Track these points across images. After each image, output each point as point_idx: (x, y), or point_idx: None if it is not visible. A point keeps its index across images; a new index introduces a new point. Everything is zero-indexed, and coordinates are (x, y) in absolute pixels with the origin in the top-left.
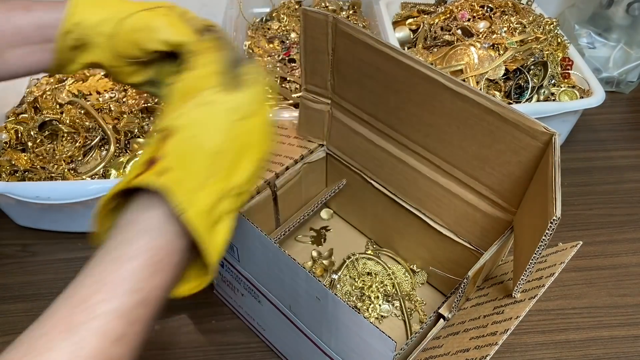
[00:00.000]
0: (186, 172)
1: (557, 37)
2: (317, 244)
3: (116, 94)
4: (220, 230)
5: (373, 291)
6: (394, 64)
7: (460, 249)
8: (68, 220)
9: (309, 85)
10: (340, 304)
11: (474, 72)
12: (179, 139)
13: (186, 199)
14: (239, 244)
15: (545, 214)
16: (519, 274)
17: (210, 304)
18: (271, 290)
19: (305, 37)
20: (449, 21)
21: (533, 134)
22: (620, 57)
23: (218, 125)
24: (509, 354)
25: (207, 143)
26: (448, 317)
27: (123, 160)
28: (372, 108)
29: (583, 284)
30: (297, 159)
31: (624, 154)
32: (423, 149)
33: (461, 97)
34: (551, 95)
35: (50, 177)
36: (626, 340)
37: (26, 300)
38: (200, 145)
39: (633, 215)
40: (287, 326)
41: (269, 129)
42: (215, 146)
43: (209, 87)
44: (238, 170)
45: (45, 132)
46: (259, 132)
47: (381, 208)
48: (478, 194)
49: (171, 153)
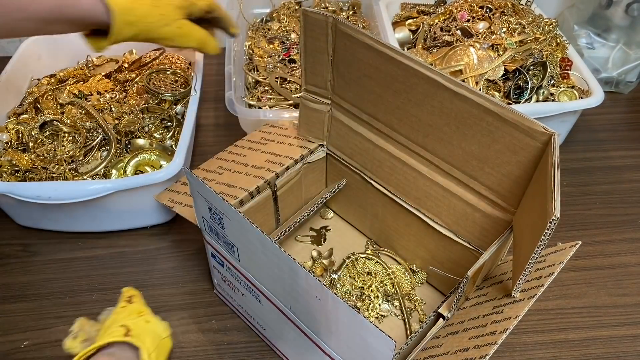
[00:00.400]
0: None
1: (557, 38)
2: (317, 243)
3: (117, 95)
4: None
5: (373, 291)
6: (394, 64)
7: (460, 249)
8: (69, 220)
9: (309, 85)
10: (340, 303)
11: (474, 73)
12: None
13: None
14: (239, 244)
15: (545, 214)
16: (518, 273)
17: (210, 304)
18: (271, 289)
19: (305, 38)
20: (449, 22)
21: (532, 134)
22: (620, 57)
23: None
24: (509, 353)
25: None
26: (447, 316)
27: (124, 160)
28: (372, 108)
29: (582, 284)
30: (297, 159)
31: (623, 154)
32: (422, 149)
33: (460, 97)
34: (550, 96)
35: (51, 177)
36: (625, 339)
37: (27, 300)
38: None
39: (632, 215)
40: (287, 326)
41: None
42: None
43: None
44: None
45: (46, 132)
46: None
47: (381, 208)
48: (477, 194)
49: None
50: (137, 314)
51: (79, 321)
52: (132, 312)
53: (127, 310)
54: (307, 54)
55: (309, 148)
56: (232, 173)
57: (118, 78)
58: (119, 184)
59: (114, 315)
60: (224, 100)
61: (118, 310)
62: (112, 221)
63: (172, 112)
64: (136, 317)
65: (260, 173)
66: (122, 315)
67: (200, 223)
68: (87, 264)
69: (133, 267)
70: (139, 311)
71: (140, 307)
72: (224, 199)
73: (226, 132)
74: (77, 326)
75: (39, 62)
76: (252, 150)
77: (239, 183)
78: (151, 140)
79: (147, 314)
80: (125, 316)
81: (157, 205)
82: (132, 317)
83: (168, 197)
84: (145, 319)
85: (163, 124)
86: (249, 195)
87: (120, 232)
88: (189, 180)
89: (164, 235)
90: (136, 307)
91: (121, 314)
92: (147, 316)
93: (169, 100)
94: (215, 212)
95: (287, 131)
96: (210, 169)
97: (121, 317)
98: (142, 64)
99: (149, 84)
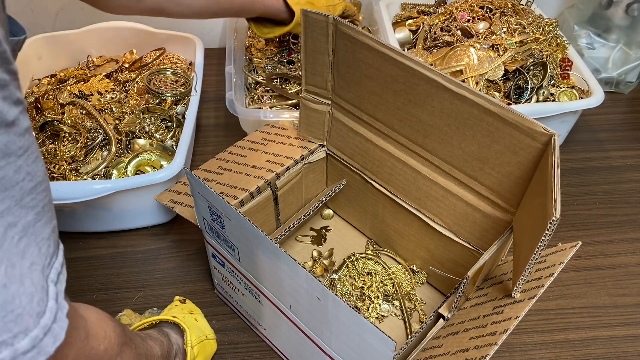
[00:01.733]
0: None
1: (557, 38)
2: (317, 244)
3: (117, 95)
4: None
5: (373, 291)
6: (394, 64)
7: (460, 249)
8: (69, 220)
9: (310, 86)
10: (340, 303)
11: (474, 73)
12: None
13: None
14: (239, 244)
15: (545, 214)
16: (518, 274)
17: (210, 304)
18: (272, 290)
19: (305, 38)
20: (449, 22)
21: (532, 134)
22: (620, 57)
23: None
24: (509, 353)
25: None
26: (448, 317)
27: (124, 160)
28: (372, 109)
29: (582, 284)
30: (297, 159)
31: (623, 154)
32: (423, 150)
33: (461, 97)
34: (550, 96)
35: (52, 177)
36: (625, 339)
37: None
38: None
39: (632, 215)
40: (288, 326)
41: None
42: None
43: None
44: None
45: (46, 132)
46: None
47: (381, 208)
48: (477, 194)
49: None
50: (189, 311)
51: (125, 310)
52: (184, 309)
53: (180, 307)
54: (308, 54)
55: (309, 148)
56: (232, 173)
57: (119, 78)
58: (120, 184)
59: (167, 309)
60: (224, 101)
61: (171, 306)
62: (112, 221)
63: (172, 112)
64: (187, 313)
65: (260, 173)
66: (174, 310)
67: (201, 223)
68: (88, 264)
69: (133, 267)
70: (190, 310)
71: (192, 307)
72: (225, 200)
73: (226, 133)
74: (123, 312)
75: (39, 62)
76: (252, 151)
77: (240, 183)
78: (152, 141)
79: (198, 314)
80: (178, 311)
81: (158, 205)
82: (183, 313)
83: (169, 198)
84: (195, 317)
85: (163, 124)
86: (249, 196)
87: (120, 232)
88: (189, 181)
89: (164, 235)
90: (188, 306)
91: (174, 309)
92: (197, 315)
93: (170, 100)
94: (216, 212)
95: (287, 131)
96: (210, 169)
97: (173, 311)
98: (143, 64)
99: (149, 84)
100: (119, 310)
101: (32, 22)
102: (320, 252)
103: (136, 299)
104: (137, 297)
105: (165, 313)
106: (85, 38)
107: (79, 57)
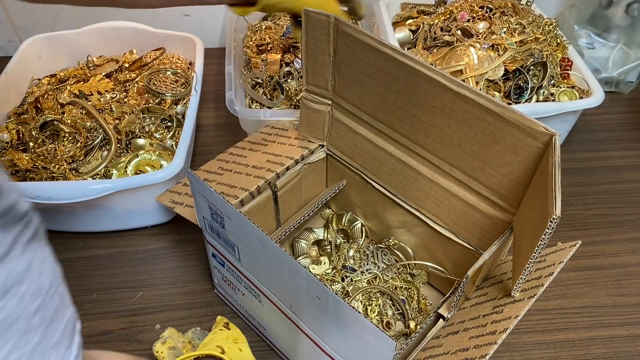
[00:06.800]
0: None
1: (557, 38)
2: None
3: (117, 94)
4: None
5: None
6: (395, 64)
7: (460, 249)
8: (69, 220)
9: (310, 85)
10: (340, 303)
11: (474, 73)
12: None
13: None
14: (240, 244)
15: (545, 214)
16: (518, 273)
17: (210, 304)
18: (272, 289)
19: (306, 38)
20: (449, 22)
21: (533, 134)
22: (620, 57)
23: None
24: (509, 353)
25: None
26: (447, 316)
27: (124, 160)
28: (373, 109)
29: (582, 284)
30: (297, 159)
31: (623, 154)
32: (423, 150)
33: (461, 97)
34: (550, 96)
35: (52, 177)
36: (625, 339)
37: None
38: None
39: (632, 215)
40: (288, 325)
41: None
42: None
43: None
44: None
45: (46, 132)
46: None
47: (381, 208)
48: (478, 195)
49: None
50: (233, 340)
51: (168, 330)
52: (229, 336)
53: (225, 334)
54: (309, 54)
55: (309, 148)
56: (232, 173)
57: (118, 78)
58: (120, 184)
59: (212, 335)
60: (224, 101)
61: (216, 331)
62: (112, 221)
63: (172, 112)
64: (232, 342)
65: (260, 173)
66: (219, 337)
67: (201, 223)
68: (87, 264)
69: (133, 267)
70: (235, 338)
71: (237, 335)
72: (225, 199)
73: (226, 132)
74: (167, 333)
75: (39, 62)
76: (252, 151)
77: (240, 183)
78: (151, 140)
79: (242, 342)
80: (223, 339)
81: (158, 205)
82: (228, 342)
83: (169, 198)
84: (239, 346)
85: (163, 124)
86: (249, 196)
87: (120, 232)
88: (189, 180)
89: (164, 235)
90: (233, 333)
91: (219, 335)
92: (242, 345)
93: (170, 100)
94: (216, 212)
95: (287, 132)
96: (211, 169)
97: (218, 338)
98: (143, 64)
99: (149, 83)
100: (119, 310)
101: (32, 22)
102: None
103: (136, 299)
104: (137, 297)
105: (209, 339)
106: (85, 38)
107: (78, 57)
